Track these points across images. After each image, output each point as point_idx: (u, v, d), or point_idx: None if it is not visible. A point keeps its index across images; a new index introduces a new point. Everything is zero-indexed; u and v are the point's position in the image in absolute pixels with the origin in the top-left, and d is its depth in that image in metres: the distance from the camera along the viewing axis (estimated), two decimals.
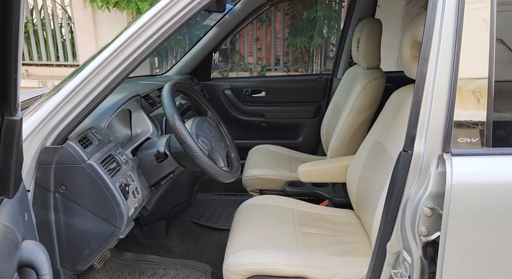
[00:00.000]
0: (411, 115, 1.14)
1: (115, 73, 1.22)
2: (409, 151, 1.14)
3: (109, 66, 1.21)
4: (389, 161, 1.50)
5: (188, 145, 1.38)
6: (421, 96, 1.13)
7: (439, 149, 1.11)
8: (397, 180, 1.17)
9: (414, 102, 1.14)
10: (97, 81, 1.20)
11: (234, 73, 8.16)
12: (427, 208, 1.11)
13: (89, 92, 1.19)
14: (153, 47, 1.20)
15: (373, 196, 1.60)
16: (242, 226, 1.67)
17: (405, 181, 1.15)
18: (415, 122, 1.14)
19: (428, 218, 1.11)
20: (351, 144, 2.17)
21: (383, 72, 2.19)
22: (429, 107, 1.12)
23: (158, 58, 8.09)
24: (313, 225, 1.72)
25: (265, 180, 2.23)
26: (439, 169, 1.10)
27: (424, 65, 1.13)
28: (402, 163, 1.15)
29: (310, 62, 8.33)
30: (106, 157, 1.30)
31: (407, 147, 1.15)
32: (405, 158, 1.14)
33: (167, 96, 1.45)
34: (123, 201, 1.26)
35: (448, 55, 1.11)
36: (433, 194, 1.10)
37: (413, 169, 1.14)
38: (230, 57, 7.08)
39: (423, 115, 1.13)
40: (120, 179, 1.30)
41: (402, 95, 1.64)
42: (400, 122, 1.53)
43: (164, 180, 1.56)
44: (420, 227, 1.12)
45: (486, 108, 1.09)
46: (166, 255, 2.11)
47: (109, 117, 1.46)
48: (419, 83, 1.14)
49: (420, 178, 1.13)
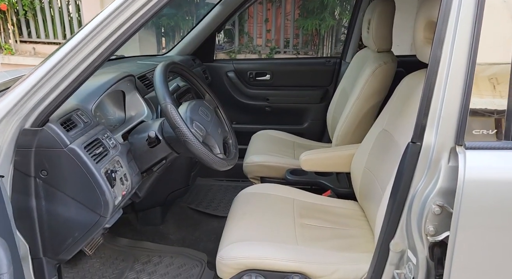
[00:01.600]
0: (421, 102, 1.04)
1: (98, 50, 1.12)
2: (418, 143, 1.04)
3: (92, 43, 1.11)
4: (397, 152, 1.39)
5: (180, 130, 1.29)
6: (433, 82, 1.03)
7: (452, 141, 1.00)
8: (404, 174, 1.07)
9: (426, 88, 1.03)
10: (78, 59, 1.11)
11: (242, 55, 8.01)
12: (436, 206, 1.01)
13: (70, 71, 1.10)
14: (138, 25, 1.10)
15: (378, 188, 1.50)
16: (238, 216, 1.59)
17: (412, 175, 1.05)
18: (426, 110, 1.03)
19: (436, 216, 1.01)
20: (357, 132, 2.06)
21: (394, 56, 2.06)
22: (442, 94, 1.01)
23: (165, 38, 7.98)
24: (313, 217, 1.63)
25: (267, 167, 2.14)
26: (450, 163, 1.00)
27: (439, 48, 1.02)
28: (410, 155, 1.05)
29: (320, 45, 8.14)
30: (91, 141, 1.22)
31: (416, 138, 1.04)
32: (414, 150, 1.04)
33: (159, 77, 1.36)
34: (108, 188, 1.18)
35: (465, 37, 0.99)
36: (443, 191, 1.00)
37: (422, 163, 1.04)
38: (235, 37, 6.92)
39: (435, 103, 1.02)
40: (106, 165, 1.22)
41: (413, 81, 1.52)
42: (410, 111, 1.42)
43: (156, 166, 1.48)
44: (428, 226, 1.03)
45: (507, 97, 0.98)
46: (162, 242, 2.04)
47: (98, 98, 1.37)
48: (432, 67, 1.03)
49: (429, 172, 1.03)
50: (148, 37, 7.65)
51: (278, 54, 8.11)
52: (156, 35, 7.74)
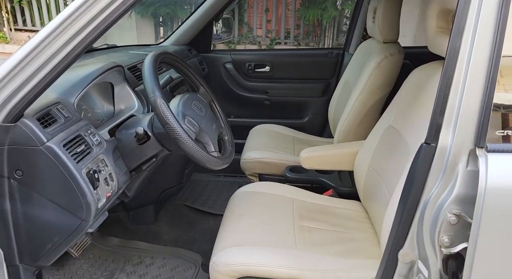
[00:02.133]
0: (437, 99, 0.93)
1: (78, 37, 1.01)
2: (432, 144, 0.93)
3: (71, 30, 1.00)
4: (405, 150, 1.29)
5: (170, 126, 1.18)
6: (451, 76, 0.92)
7: (471, 143, 0.90)
8: (416, 178, 0.96)
9: (443, 83, 0.92)
10: (56, 46, 1.00)
11: (242, 46, 7.87)
12: (452, 215, 0.91)
13: (46, 60, 0.99)
14: (121, 10, 0.99)
15: (383, 189, 1.40)
16: (234, 218, 1.49)
17: (425, 179, 0.95)
18: (442, 108, 0.92)
19: (452, 226, 0.91)
20: (360, 127, 1.96)
21: (401, 47, 1.94)
22: (461, 89, 0.90)
23: (163, 27, 7.83)
24: (314, 219, 1.53)
25: (265, 164, 2.04)
26: (469, 167, 0.90)
27: (458, 39, 0.91)
28: (422, 157, 0.94)
29: (322, 36, 8.01)
30: (72, 138, 1.11)
31: (430, 138, 0.94)
32: (427, 151, 0.94)
33: (148, 68, 1.24)
34: (90, 190, 1.07)
35: (489, 26, 0.88)
36: (460, 198, 0.90)
37: (437, 166, 0.93)
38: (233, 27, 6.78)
39: (453, 99, 0.91)
40: (88, 164, 1.11)
41: (423, 74, 1.41)
42: (420, 107, 1.31)
43: (146, 164, 1.37)
44: (442, 236, 0.92)
45: None
46: (154, 242, 1.94)
47: (81, 91, 1.26)
48: (450, 60, 0.92)
49: (445, 177, 0.92)
50: (145, 26, 7.50)
51: (278, 45, 7.97)
52: (154, 24, 7.60)
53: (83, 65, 1.45)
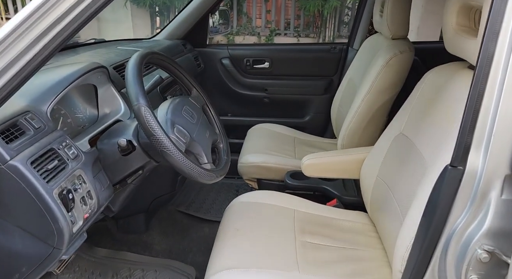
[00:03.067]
0: (466, 114, 0.79)
1: (46, 38, 0.86)
2: (459, 167, 0.79)
3: (38, 27, 0.86)
4: (420, 165, 1.15)
5: (156, 138, 1.04)
6: (483, 88, 0.78)
7: (507, 167, 0.76)
8: (439, 205, 0.83)
9: (473, 96, 0.78)
10: (21, 46, 0.85)
11: (240, 37, 7.69)
12: (483, 251, 0.77)
13: (10, 62, 0.84)
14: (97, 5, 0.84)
15: (394, 204, 1.26)
16: (229, 234, 1.35)
17: (450, 207, 0.81)
18: (472, 125, 0.78)
19: (483, 264, 0.78)
20: (367, 131, 1.82)
21: (412, 44, 1.80)
22: (496, 103, 0.76)
23: (160, 17, 7.63)
24: (317, 233, 1.40)
25: (264, 168, 1.90)
26: (504, 195, 0.76)
27: (492, 42, 0.77)
28: (447, 182, 0.81)
29: (322, 27, 7.82)
30: (43, 153, 0.97)
31: (457, 160, 0.80)
32: (453, 175, 0.80)
33: (132, 72, 1.10)
34: (62, 214, 0.94)
35: None
36: (494, 232, 0.77)
37: (464, 192, 0.80)
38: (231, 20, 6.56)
39: (485, 115, 0.77)
40: (62, 182, 0.97)
41: (441, 77, 1.27)
42: (436, 115, 1.17)
43: (131, 177, 1.24)
44: (470, 275, 0.79)
45: None
46: (145, 253, 1.81)
47: (56, 96, 1.11)
48: (482, 69, 0.78)
49: (474, 206, 0.79)
50: (142, 16, 7.31)
51: (278, 37, 7.79)
52: (150, 14, 7.40)
53: (60, 65, 1.31)
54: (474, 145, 0.78)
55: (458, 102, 1.08)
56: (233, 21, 7.75)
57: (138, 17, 7.16)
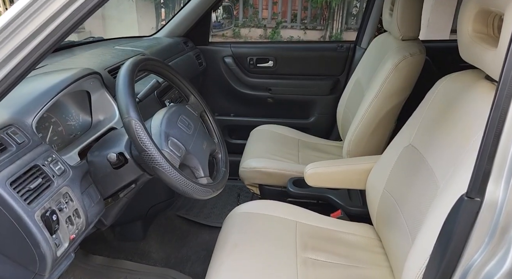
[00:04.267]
0: (486, 138, 0.71)
1: (35, 41, 0.79)
2: (476, 199, 0.71)
3: (27, 28, 0.79)
4: (429, 180, 1.08)
5: (147, 154, 0.97)
6: (506, 108, 0.70)
7: None
8: (453, 237, 0.75)
9: (493, 118, 0.70)
10: (4, 52, 0.78)
11: (246, 29, 7.58)
12: None
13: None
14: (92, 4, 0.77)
15: (402, 220, 1.19)
16: (227, 249, 1.29)
17: (465, 241, 0.74)
18: (492, 152, 0.70)
19: None
20: (373, 137, 1.73)
21: (423, 46, 1.70)
22: None
23: (165, 9, 7.54)
24: (320, 249, 1.33)
25: (266, 174, 1.83)
26: None
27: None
28: (463, 214, 0.73)
29: (330, 19, 7.69)
30: (25, 171, 0.90)
31: (474, 191, 0.72)
32: (469, 207, 0.72)
33: (123, 82, 1.02)
34: (45, 238, 0.87)
35: None
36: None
37: (481, 226, 0.72)
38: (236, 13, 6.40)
39: (507, 140, 0.69)
40: (45, 203, 0.91)
41: (454, 86, 1.18)
42: (450, 129, 1.09)
43: (123, 191, 1.17)
44: None
45: None
46: (143, 262, 1.76)
47: (42, 107, 1.04)
48: (505, 87, 0.69)
49: (493, 242, 0.71)
50: (146, 8, 7.22)
51: (284, 29, 7.67)
52: (155, 5, 7.31)
53: (50, 72, 1.24)
54: (494, 174, 0.71)
55: (474, 118, 0.99)
56: (238, 13, 7.64)
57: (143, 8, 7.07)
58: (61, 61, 1.51)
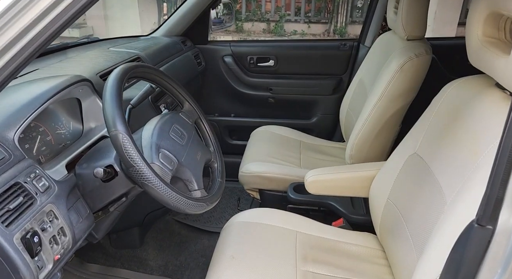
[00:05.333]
0: (498, 163, 0.65)
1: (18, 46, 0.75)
2: (488, 226, 0.65)
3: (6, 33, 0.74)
4: (436, 194, 1.02)
5: (136, 169, 0.92)
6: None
7: None
8: (463, 265, 0.69)
9: (507, 139, 0.64)
10: None
11: (249, 23, 7.49)
12: None
13: None
14: None
15: (406, 233, 1.13)
16: (224, 263, 1.24)
17: (476, 270, 0.68)
18: (506, 176, 0.64)
19: None
20: (377, 141, 1.67)
21: (429, 46, 1.63)
22: None
23: (167, 4, 7.45)
24: (320, 261, 1.28)
25: (266, 179, 1.77)
26: None
27: None
28: (473, 242, 0.67)
29: (334, 12, 7.59)
30: (6, 189, 0.85)
31: (485, 218, 0.66)
32: (480, 235, 0.66)
33: (111, 92, 0.97)
34: (25, 262, 0.82)
35: None
36: None
37: (494, 256, 0.66)
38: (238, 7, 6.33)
39: None
40: (26, 224, 0.86)
41: (462, 93, 1.11)
42: (458, 140, 1.02)
43: (113, 205, 1.12)
44: None
45: None
46: (140, 270, 1.72)
47: (25, 120, 0.99)
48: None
49: (507, 274, 0.65)
50: (148, 2, 7.14)
51: (288, 23, 7.57)
52: (157, 0, 7.23)
53: (35, 80, 1.18)
54: (507, 200, 0.64)
55: (483, 131, 0.93)
56: (241, 7, 7.55)
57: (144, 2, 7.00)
58: (52, 65, 1.45)
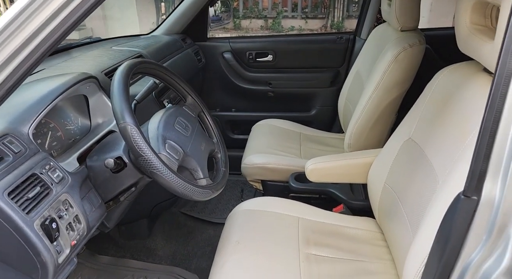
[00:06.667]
0: (481, 137, 0.70)
1: (31, 45, 0.79)
2: (473, 197, 0.71)
3: (21, 34, 0.79)
4: (429, 175, 1.07)
5: (144, 159, 0.98)
6: (501, 106, 0.68)
7: None
8: (451, 235, 0.75)
9: (488, 116, 0.69)
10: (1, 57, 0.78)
11: (247, 21, 7.53)
12: None
13: None
14: None
15: (402, 214, 1.19)
16: (230, 249, 1.29)
17: (463, 239, 0.73)
18: (488, 150, 0.69)
19: None
20: (374, 129, 1.72)
21: (423, 36, 1.68)
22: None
23: (165, 3, 7.50)
24: (323, 244, 1.33)
25: (268, 170, 1.83)
26: None
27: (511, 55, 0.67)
28: (460, 213, 0.73)
29: (331, 7, 7.62)
30: (23, 180, 0.91)
31: (470, 189, 0.71)
32: (466, 206, 0.72)
33: (118, 87, 1.02)
34: (45, 246, 0.88)
35: None
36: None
37: (479, 225, 0.71)
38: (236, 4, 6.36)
39: (503, 138, 0.68)
40: (44, 211, 0.92)
41: (453, 79, 1.17)
42: (449, 123, 1.08)
43: (124, 195, 1.18)
44: None
45: None
46: (149, 259, 1.78)
47: (37, 116, 1.05)
48: (500, 86, 0.68)
49: (491, 240, 0.71)
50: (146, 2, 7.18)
51: (285, 19, 7.61)
52: (155, 0, 7.27)
53: (45, 78, 1.24)
54: (490, 172, 0.70)
55: (471, 113, 0.98)
56: (239, 5, 7.59)
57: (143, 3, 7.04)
58: (58, 64, 1.51)
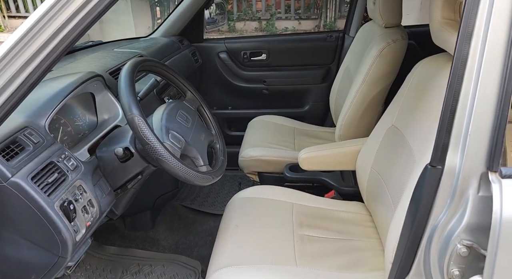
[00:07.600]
0: (443, 114, 0.81)
1: (50, 46, 0.88)
2: (438, 166, 0.82)
3: (46, 32, 0.88)
4: (410, 158, 1.18)
5: (151, 146, 1.08)
6: (458, 88, 0.80)
7: (483, 166, 0.79)
8: (421, 201, 0.86)
9: (449, 96, 0.81)
10: (22, 59, 0.87)
11: (241, 23, 7.65)
12: (462, 246, 0.81)
13: (16, 72, 0.86)
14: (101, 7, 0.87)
15: (387, 195, 1.30)
16: (230, 230, 1.40)
17: (431, 203, 0.85)
18: (449, 125, 0.81)
19: (463, 258, 0.81)
20: (363, 120, 1.84)
21: (405, 32, 1.79)
22: (471, 104, 0.79)
23: (160, 8, 7.60)
24: (315, 226, 1.44)
25: (264, 162, 1.94)
26: (481, 193, 0.79)
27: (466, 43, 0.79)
28: (428, 181, 0.84)
29: (324, 8, 7.74)
30: (43, 167, 1.02)
31: (435, 160, 0.83)
32: (432, 174, 0.83)
33: (125, 82, 1.13)
34: (65, 225, 0.99)
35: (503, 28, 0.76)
36: (472, 227, 0.80)
37: (444, 190, 0.83)
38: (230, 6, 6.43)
39: (460, 115, 0.80)
40: (62, 195, 1.02)
41: (430, 68, 1.28)
42: (425, 107, 1.19)
43: (131, 182, 1.29)
44: (452, 268, 0.83)
45: None
46: (153, 249, 1.88)
47: (52, 110, 1.15)
48: (457, 70, 0.79)
49: (454, 203, 0.82)
50: (141, 7, 7.29)
51: (279, 21, 7.73)
52: (150, 5, 7.37)
53: (56, 77, 1.34)
54: (451, 145, 0.81)
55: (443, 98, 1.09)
56: (233, 7, 7.70)
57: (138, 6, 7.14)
58: (64, 66, 1.61)
